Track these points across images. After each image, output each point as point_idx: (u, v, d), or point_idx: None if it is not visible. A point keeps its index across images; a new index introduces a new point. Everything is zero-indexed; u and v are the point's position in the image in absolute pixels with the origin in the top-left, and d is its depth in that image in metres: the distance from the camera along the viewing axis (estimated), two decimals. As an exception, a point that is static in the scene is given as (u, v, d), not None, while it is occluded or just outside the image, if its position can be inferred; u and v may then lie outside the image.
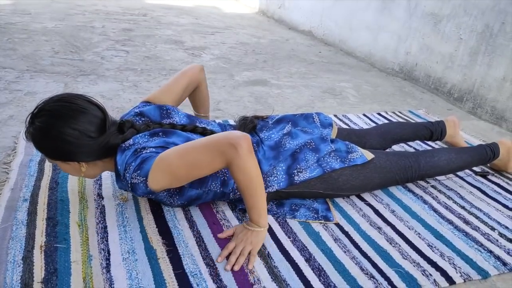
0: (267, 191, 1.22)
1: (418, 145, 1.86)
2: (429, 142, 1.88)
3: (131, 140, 1.11)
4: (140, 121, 1.22)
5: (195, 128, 1.23)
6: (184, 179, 1.07)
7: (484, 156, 1.55)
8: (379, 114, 2.23)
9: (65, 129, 1.04)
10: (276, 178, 1.23)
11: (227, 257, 1.06)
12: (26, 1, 4.13)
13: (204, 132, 1.23)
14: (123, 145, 1.10)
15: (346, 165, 1.28)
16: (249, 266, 1.04)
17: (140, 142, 1.10)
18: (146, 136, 1.12)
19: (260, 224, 1.09)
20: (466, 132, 2.09)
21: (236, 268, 1.03)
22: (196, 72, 1.44)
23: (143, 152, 1.06)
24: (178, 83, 1.39)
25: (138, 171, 1.03)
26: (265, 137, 1.33)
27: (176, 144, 1.10)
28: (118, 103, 2.01)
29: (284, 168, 1.24)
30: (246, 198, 1.07)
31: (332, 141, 1.35)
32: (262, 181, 1.06)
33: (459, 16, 2.48)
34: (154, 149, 1.07)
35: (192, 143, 1.04)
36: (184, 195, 1.17)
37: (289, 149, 1.28)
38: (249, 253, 1.07)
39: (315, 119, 1.44)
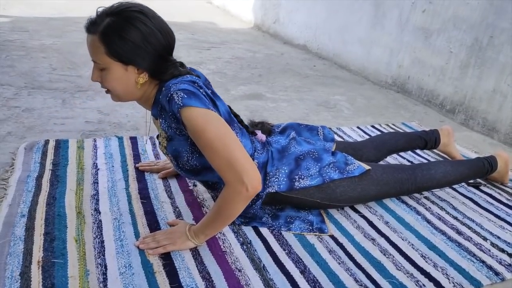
0: (266, 191, 1.24)
1: (412, 156, 1.89)
2: (425, 155, 1.91)
3: (187, 76, 1.14)
4: None
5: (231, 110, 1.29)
6: (201, 145, 1.07)
7: (481, 169, 1.57)
8: (373, 126, 2.26)
9: (150, 24, 1.07)
10: (277, 179, 1.25)
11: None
12: (24, 18, 4.19)
13: (236, 115, 1.29)
14: (180, 77, 1.12)
15: (344, 176, 1.31)
16: (150, 251, 1.11)
17: (196, 81, 1.14)
18: (201, 81, 1.17)
19: (197, 238, 1.14)
20: (459, 144, 2.12)
21: (142, 247, 1.12)
22: None
23: (200, 90, 1.10)
24: None
25: (184, 95, 1.04)
26: (273, 140, 1.38)
27: (220, 109, 1.16)
28: (116, 118, 2.04)
29: (286, 171, 1.27)
30: (210, 216, 1.12)
31: (333, 153, 1.38)
32: (230, 221, 1.13)
33: (448, 30, 2.54)
34: (207, 97, 1.11)
35: (234, 142, 1.07)
36: (203, 157, 1.15)
37: (293, 152, 1.31)
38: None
39: (319, 132, 1.49)
